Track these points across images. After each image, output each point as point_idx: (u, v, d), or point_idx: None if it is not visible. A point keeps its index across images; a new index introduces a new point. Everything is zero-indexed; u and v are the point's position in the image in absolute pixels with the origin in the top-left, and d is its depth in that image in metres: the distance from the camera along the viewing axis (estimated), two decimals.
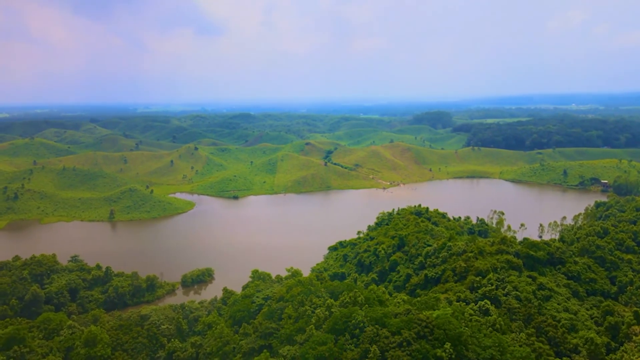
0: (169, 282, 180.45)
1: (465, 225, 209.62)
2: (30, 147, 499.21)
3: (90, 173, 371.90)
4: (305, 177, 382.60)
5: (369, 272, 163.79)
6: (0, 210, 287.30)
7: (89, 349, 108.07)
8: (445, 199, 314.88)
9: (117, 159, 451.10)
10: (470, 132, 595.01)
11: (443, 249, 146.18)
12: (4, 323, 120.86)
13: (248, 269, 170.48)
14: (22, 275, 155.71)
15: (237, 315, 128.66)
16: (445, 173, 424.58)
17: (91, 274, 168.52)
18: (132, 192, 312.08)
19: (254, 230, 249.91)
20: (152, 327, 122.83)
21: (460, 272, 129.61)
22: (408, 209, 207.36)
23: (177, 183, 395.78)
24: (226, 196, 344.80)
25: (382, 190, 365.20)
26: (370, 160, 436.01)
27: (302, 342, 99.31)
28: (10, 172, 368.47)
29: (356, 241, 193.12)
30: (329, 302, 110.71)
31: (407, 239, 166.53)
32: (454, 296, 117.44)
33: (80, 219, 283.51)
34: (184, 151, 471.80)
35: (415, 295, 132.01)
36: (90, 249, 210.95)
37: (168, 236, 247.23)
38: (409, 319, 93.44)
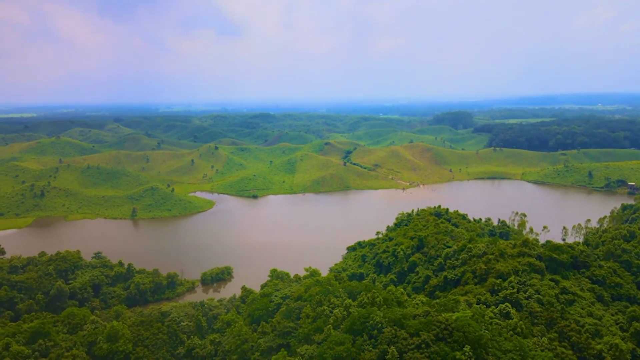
0: (189, 280, 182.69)
1: (486, 227, 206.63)
2: (56, 145, 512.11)
3: (113, 171, 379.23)
4: (324, 177, 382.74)
5: (388, 273, 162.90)
6: (27, 207, 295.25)
7: (111, 344, 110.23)
8: (466, 200, 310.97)
9: (140, 158, 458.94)
10: (492, 133, 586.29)
11: (463, 251, 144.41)
12: (30, 317, 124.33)
13: (266, 268, 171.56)
14: (48, 271, 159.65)
15: (256, 313, 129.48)
16: (466, 174, 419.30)
17: (114, 271, 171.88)
18: (153, 190, 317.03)
19: (272, 230, 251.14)
20: (172, 324, 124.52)
21: (480, 274, 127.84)
22: (427, 209, 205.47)
23: (197, 182, 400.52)
24: (246, 195, 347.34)
25: (402, 190, 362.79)
26: (390, 161, 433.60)
27: (319, 342, 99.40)
28: (37, 170, 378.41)
29: (375, 242, 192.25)
30: (347, 302, 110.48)
31: (427, 240, 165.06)
32: (474, 298, 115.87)
33: (103, 216, 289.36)
34: (205, 150, 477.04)
35: (434, 297, 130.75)
36: (113, 246, 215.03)
37: (188, 234, 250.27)
38: (428, 321, 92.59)
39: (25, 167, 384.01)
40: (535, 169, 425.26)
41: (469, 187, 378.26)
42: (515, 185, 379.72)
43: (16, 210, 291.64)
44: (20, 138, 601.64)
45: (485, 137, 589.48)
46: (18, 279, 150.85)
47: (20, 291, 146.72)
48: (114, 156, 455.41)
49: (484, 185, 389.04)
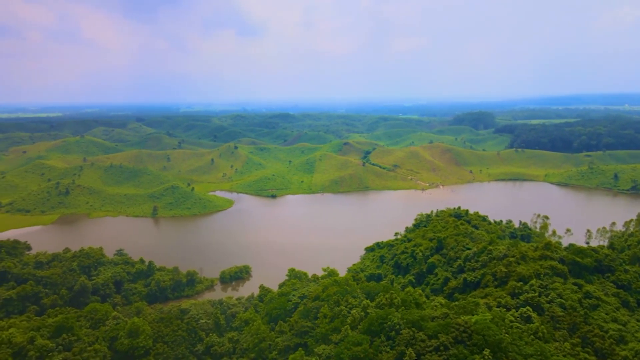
0: (208, 278, 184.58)
1: (507, 229, 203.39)
2: (80, 144, 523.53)
3: (135, 170, 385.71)
4: (342, 177, 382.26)
5: (406, 274, 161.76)
6: (52, 205, 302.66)
7: (132, 339, 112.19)
8: (486, 201, 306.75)
9: (161, 157, 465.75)
10: (514, 133, 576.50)
11: (483, 253, 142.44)
12: (54, 312, 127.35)
13: (284, 267, 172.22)
14: (72, 267, 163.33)
15: (274, 312, 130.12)
16: (487, 175, 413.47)
17: (135, 268, 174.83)
18: (174, 189, 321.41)
19: (291, 229, 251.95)
20: (191, 321, 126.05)
21: (500, 277, 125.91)
22: (447, 211, 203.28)
23: (217, 181, 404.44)
24: (264, 195, 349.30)
25: (421, 191, 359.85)
26: (409, 161, 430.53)
27: (337, 342, 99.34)
28: (62, 168, 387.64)
29: (393, 242, 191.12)
30: (365, 302, 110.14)
31: (446, 241, 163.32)
32: (494, 301, 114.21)
33: (125, 214, 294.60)
34: (224, 150, 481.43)
35: (453, 299, 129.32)
36: (134, 243, 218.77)
37: (208, 233, 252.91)
38: (447, 323, 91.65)
39: (51, 166, 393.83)
40: (558, 170, 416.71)
41: (489, 189, 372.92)
42: (537, 187, 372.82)
43: (42, 207, 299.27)
44: (46, 137, 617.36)
45: (506, 137, 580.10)
46: (43, 274, 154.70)
47: (45, 286, 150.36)
48: (136, 155, 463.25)
49: (505, 186, 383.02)
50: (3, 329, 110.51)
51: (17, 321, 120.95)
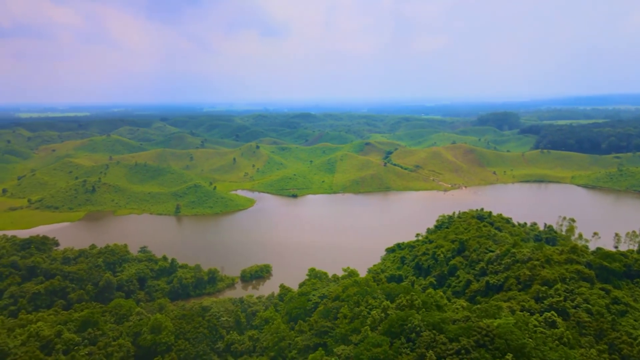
0: (229, 276, 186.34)
1: (532, 231, 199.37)
2: (107, 143, 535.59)
3: (159, 169, 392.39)
4: (364, 178, 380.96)
5: (427, 276, 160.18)
6: (79, 202, 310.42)
7: (155, 335, 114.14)
8: (510, 203, 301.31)
9: (184, 156, 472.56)
10: (539, 134, 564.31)
11: (506, 256, 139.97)
12: (80, 306, 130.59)
13: (305, 266, 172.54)
14: (97, 263, 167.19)
15: (294, 312, 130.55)
16: (511, 176, 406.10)
17: (158, 265, 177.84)
18: (196, 188, 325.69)
19: (311, 229, 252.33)
20: (212, 319, 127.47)
21: (524, 280, 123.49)
22: (470, 212, 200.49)
23: (238, 180, 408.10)
24: (285, 194, 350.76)
25: (443, 192, 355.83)
26: (431, 162, 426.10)
27: (357, 343, 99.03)
28: (89, 166, 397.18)
29: (414, 243, 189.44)
30: (385, 304, 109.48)
31: (468, 243, 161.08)
32: (517, 305, 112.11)
33: (149, 212, 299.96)
34: (246, 149, 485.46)
35: (475, 302, 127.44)
36: (157, 241, 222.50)
37: (229, 232, 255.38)
38: (468, 326, 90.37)
39: (78, 164, 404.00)
40: (585, 172, 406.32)
41: (513, 190, 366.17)
42: (563, 189, 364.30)
43: (70, 204, 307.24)
44: (74, 136, 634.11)
45: (532, 138, 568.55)
46: (70, 269, 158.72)
47: (72, 281, 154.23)
48: (160, 154, 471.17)
49: (529, 188, 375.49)
50: (31, 322, 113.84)
51: (45, 315, 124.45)
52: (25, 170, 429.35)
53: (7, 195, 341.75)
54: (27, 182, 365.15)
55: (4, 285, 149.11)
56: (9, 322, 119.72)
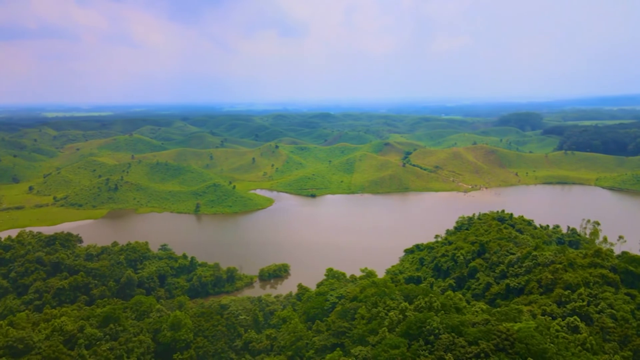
0: (248, 275, 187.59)
1: (554, 234, 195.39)
2: (129, 142, 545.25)
3: (179, 168, 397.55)
4: (382, 178, 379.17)
5: (446, 278, 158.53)
6: (102, 200, 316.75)
7: (174, 332, 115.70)
8: (532, 205, 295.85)
9: (204, 155, 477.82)
10: (563, 135, 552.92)
11: (527, 258, 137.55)
12: (102, 302, 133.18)
13: (323, 266, 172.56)
14: (119, 260, 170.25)
15: (311, 311, 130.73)
16: (533, 178, 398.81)
17: (178, 263, 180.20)
18: (216, 187, 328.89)
19: (329, 229, 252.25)
20: (230, 317, 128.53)
21: (546, 284, 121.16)
22: (490, 214, 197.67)
23: (257, 180, 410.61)
24: (304, 194, 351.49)
25: (463, 193, 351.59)
26: (451, 163, 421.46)
27: (374, 344, 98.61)
28: (112, 165, 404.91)
29: (433, 245, 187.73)
30: (403, 305, 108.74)
31: (488, 245, 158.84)
32: (539, 309, 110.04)
33: (170, 210, 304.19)
34: (265, 149, 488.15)
35: (495, 305, 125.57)
36: (177, 239, 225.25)
37: (248, 231, 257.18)
38: (488, 330, 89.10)
39: (101, 162, 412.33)
40: (611, 174, 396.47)
41: (535, 192, 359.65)
42: (588, 191, 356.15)
43: (93, 202, 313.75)
44: (98, 135, 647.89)
45: (555, 139, 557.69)
46: (93, 266, 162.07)
47: (95, 277, 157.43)
48: (181, 153, 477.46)
49: (552, 190, 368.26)
50: (56, 317, 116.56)
51: (69, 310, 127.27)
52: (51, 168, 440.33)
53: (33, 193, 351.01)
54: (53, 179, 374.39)
55: (29, 281, 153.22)
56: (34, 316, 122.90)
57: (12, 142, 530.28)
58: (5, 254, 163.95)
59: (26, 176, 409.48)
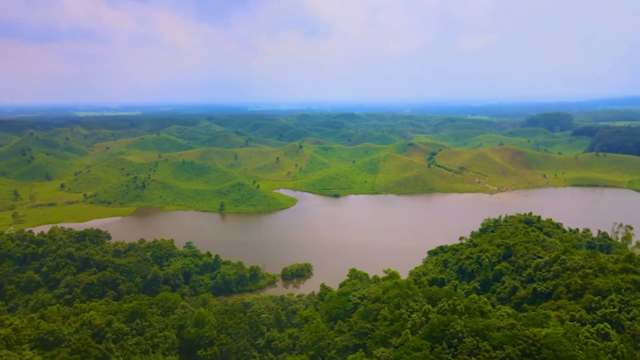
0: (270, 274, 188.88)
1: (584, 238, 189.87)
2: (156, 141, 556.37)
3: (204, 167, 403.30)
4: (407, 179, 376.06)
5: (471, 281, 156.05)
6: (130, 198, 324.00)
7: (198, 328, 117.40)
8: (561, 208, 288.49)
9: (229, 155, 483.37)
10: (594, 136, 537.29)
11: (556, 262, 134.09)
12: (129, 298, 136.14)
13: (345, 267, 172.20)
14: (146, 257, 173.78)
15: (333, 312, 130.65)
16: (562, 180, 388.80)
17: (202, 260, 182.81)
18: (240, 186, 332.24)
19: (352, 229, 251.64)
20: (253, 315, 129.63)
21: (575, 289, 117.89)
22: (517, 216, 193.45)
23: (281, 179, 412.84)
24: (327, 194, 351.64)
25: (489, 195, 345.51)
26: (477, 164, 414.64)
27: (396, 346, 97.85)
28: (140, 163, 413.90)
29: (458, 247, 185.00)
30: (427, 307, 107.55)
31: (515, 248, 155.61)
32: (567, 315, 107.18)
33: (195, 208, 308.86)
34: (289, 149, 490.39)
35: (522, 309, 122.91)
36: (202, 237, 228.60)
37: (271, 230, 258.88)
38: (514, 334, 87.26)
39: (130, 161, 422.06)
40: None
41: (565, 194, 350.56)
42: (620, 195, 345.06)
43: (121, 200, 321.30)
44: (126, 134, 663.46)
45: (586, 140, 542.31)
46: (121, 262, 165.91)
47: (122, 273, 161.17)
48: (206, 152, 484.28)
49: (582, 193, 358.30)
50: (85, 311, 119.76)
51: (97, 304, 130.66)
52: (82, 166, 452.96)
53: (65, 190, 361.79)
54: (83, 177, 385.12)
55: (60, 275, 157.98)
56: (64, 309, 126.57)
57: (46, 140, 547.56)
58: (38, 249, 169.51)
59: (58, 174, 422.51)
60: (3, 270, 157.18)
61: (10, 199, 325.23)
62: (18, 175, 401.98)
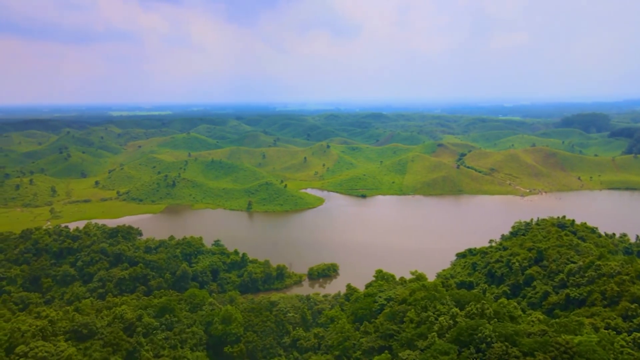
0: (297, 273, 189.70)
1: (621, 243, 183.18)
2: (186, 141, 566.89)
3: (233, 166, 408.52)
4: (435, 180, 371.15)
5: (500, 285, 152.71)
6: (161, 195, 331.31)
7: (225, 325, 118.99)
8: (596, 212, 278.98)
9: (257, 154, 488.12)
10: (633, 137, 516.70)
11: (590, 268, 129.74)
12: (159, 293, 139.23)
13: (372, 268, 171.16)
14: (175, 253, 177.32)
15: (359, 312, 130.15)
16: (598, 183, 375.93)
17: (230, 258, 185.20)
18: (268, 185, 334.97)
19: (379, 230, 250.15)
20: (279, 314, 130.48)
21: (611, 296, 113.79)
22: (549, 219, 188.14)
23: (308, 179, 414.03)
24: (354, 194, 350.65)
25: (520, 197, 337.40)
26: (508, 165, 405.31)
27: (423, 349, 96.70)
28: (170, 162, 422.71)
29: (487, 250, 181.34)
30: (454, 310, 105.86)
31: (547, 252, 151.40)
32: (602, 323, 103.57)
33: (223, 207, 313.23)
34: (317, 149, 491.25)
35: (553, 315, 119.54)
36: (230, 235, 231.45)
37: (298, 229, 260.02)
38: (545, 341, 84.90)
39: (161, 159, 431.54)
40: None
41: (600, 198, 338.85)
42: None
43: (152, 197, 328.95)
44: (158, 133, 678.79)
45: (624, 142, 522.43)
46: (151, 258, 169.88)
47: (153, 269, 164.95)
48: (234, 151, 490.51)
49: (620, 196, 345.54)
50: (117, 305, 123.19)
51: (129, 299, 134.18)
52: (115, 164, 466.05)
53: (99, 187, 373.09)
54: (116, 175, 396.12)
55: (94, 270, 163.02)
56: (97, 303, 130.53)
57: (81, 139, 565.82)
58: (73, 244, 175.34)
59: (93, 171, 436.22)
60: (41, 264, 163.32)
61: (48, 195, 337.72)
62: (56, 172, 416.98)
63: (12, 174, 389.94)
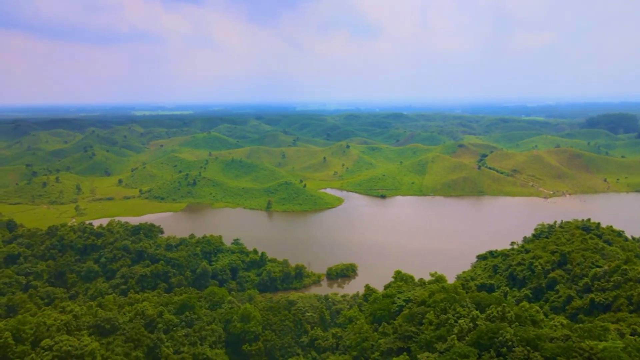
0: (315, 273, 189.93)
1: None
2: (207, 140, 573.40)
3: (252, 165, 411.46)
4: (456, 181, 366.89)
5: (522, 288, 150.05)
6: (182, 194, 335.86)
7: (244, 324, 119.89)
8: (623, 215, 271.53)
9: (277, 154, 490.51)
10: None
11: (617, 272, 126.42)
12: (180, 290, 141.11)
13: (390, 268, 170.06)
14: (195, 252, 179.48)
15: (378, 313, 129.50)
16: (625, 185, 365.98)
17: (249, 257, 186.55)
18: (287, 185, 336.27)
19: (398, 231, 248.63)
20: (298, 313, 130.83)
21: (638, 301, 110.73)
22: (574, 222, 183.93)
23: (327, 179, 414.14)
24: (374, 195, 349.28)
25: (543, 199, 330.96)
26: (531, 166, 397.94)
27: (442, 351, 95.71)
28: (191, 161, 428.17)
29: (509, 252, 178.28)
30: (474, 313, 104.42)
31: (571, 256, 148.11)
32: (628, 328, 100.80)
33: (242, 206, 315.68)
34: (336, 149, 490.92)
35: (577, 320, 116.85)
36: (249, 234, 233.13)
37: (317, 229, 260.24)
38: (568, 346, 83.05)
39: (182, 158, 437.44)
40: None
41: (628, 200, 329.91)
42: None
43: (173, 195, 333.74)
44: (179, 132, 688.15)
45: None
46: (172, 256, 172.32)
47: (173, 267, 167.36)
48: (254, 151, 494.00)
49: None
50: (138, 301, 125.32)
51: (150, 296, 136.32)
52: (138, 163, 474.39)
53: (122, 185, 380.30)
54: (139, 173, 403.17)
55: (117, 266, 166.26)
56: (119, 299, 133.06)
57: (105, 138, 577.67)
58: (97, 240, 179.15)
59: (116, 170, 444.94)
60: (66, 260, 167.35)
61: (73, 193, 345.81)
62: (80, 170, 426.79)
63: (40, 172, 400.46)
